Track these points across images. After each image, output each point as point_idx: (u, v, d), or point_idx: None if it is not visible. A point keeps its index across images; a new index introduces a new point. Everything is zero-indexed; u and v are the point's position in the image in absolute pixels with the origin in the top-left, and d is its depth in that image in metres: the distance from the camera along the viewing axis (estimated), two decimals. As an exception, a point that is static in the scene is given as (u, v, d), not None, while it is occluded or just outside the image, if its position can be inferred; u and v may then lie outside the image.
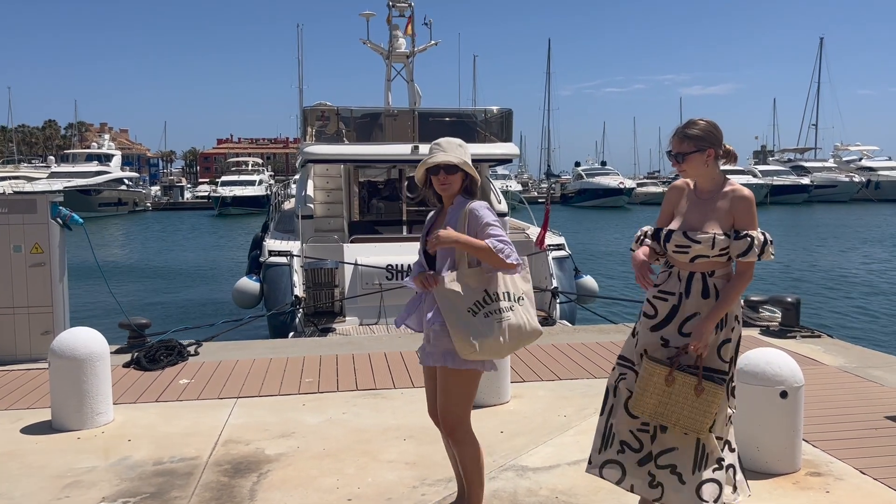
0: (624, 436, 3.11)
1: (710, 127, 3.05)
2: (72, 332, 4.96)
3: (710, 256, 2.98)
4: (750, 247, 2.94)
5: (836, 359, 6.26)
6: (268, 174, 71.11)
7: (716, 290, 3.02)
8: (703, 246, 2.98)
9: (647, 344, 3.09)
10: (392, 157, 13.06)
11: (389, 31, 15.81)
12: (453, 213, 3.12)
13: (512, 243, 3.05)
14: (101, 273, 8.12)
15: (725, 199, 3.03)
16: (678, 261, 3.07)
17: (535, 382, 5.79)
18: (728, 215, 3.01)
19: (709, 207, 3.05)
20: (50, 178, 55.66)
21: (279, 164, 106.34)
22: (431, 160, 3.11)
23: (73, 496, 3.78)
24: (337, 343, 7.57)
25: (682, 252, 3.02)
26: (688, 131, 3.04)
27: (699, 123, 3.06)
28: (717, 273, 3.02)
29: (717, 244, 2.96)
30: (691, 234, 3.00)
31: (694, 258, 3.01)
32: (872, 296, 17.83)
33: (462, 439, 3.14)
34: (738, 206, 3.00)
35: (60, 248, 6.64)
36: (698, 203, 3.09)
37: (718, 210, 3.02)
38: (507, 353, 3.09)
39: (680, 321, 3.03)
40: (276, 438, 4.59)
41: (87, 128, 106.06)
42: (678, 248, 3.03)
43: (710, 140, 3.04)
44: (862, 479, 3.80)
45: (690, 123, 3.08)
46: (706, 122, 3.07)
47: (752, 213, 3.00)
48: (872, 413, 4.83)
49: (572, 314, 10.88)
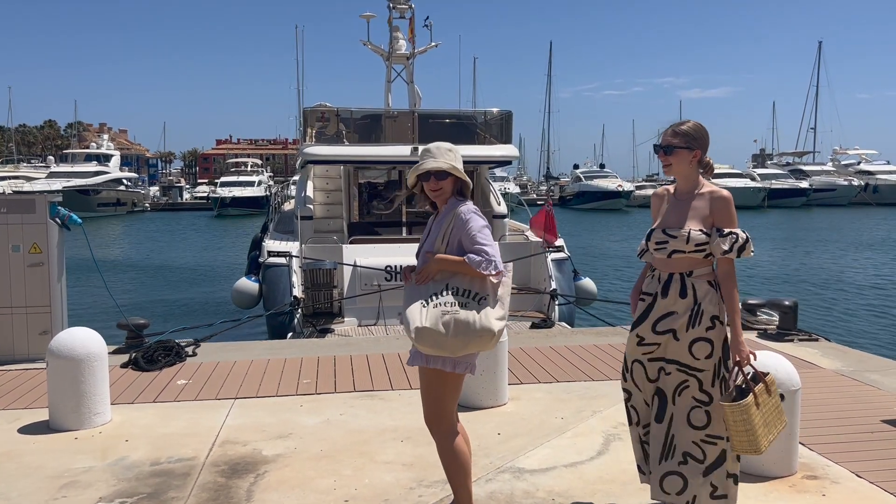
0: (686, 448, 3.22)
1: (701, 129, 3.25)
2: (70, 332, 4.96)
3: (686, 252, 3.14)
4: (735, 243, 3.09)
5: (834, 362, 6.27)
6: (267, 175, 71.09)
7: (693, 290, 3.16)
8: (679, 241, 3.13)
9: (629, 346, 3.32)
10: (391, 158, 13.07)
11: (390, 32, 15.83)
12: (445, 214, 3.17)
13: (497, 250, 3.06)
14: (100, 273, 8.11)
15: (703, 199, 3.20)
16: (658, 259, 3.25)
17: (532, 384, 5.79)
18: (708, 214, 3.16)
19: (687, 207, 3.21)
20: (49, 178, 55.61)
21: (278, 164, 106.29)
22: (421, 167, 3.14)
23: (69, 496, 3.78)
24: (335, 344, 7.57)
25: (661, 248, 3.20)
26: (680, 128, 3.22)
27: (691, 123, 3.25)
28: (696, 273, 3.17)
29: (692, 239, 3.12)
30: (669, 231, 3.18)
31: (671, 253, 3.17)
32: (870, 299, 17.85)
33: (437, 439, 3.16)
34: (717, 205, 3.16)
35: (59, 248, 6.64)
36: (677, 204, 3.26)
37: (696, 209, 3.18)
38: (455, 349, 2.97)
39: (654, 319, 3.21)
40: (274, 439, 4.59)
41: (85, 128, 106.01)
42: (658, 244, 3.22)
43: (700, 141, 3.22)
44: (858, 483, 3.81)
45: (684, 122, 3.27)
46: (698, 123, 3.26)
47: (731, 212, 3.15)
48: (869, 416, 4.84)
49: (571, 316, 10.88)
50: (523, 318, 10.37)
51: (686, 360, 3.15)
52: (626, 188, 67.71)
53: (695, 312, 3.14)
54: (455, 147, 3.22)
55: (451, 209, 3.14)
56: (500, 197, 14.26)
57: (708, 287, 3.16)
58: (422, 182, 3.18)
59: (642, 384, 3.28)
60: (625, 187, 67.56)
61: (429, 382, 3.13)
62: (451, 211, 3.13)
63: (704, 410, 3.16)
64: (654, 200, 3.40)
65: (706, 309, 3.14)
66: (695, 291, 3.15)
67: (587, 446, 4.41)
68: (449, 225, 3.11)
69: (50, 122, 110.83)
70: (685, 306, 3.15)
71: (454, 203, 3.16)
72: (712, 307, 3.14)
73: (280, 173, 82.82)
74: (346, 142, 13.58)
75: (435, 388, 3.12)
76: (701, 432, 3.17)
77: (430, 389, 3.14)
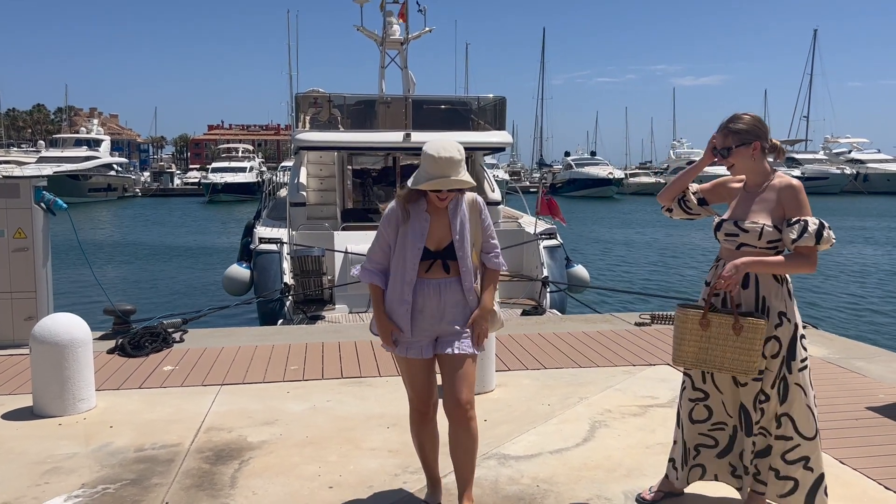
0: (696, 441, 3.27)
1: (754, 121, 3.10)
2: (53, 317, 4.92)
3: (756, 247, 3.04)
4: (804, 230, 2.94)
5: (820, 350, 6.30)
6: (258, 161, 70.79)
7: (756, 282, 3.06)
8: (751, 235, 3.03)
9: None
10: (385, 144, 13.01)
11: (383, 17, 15.70)
12: (454, 208, 3.17)
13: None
14: (86, 259, 8.06)
15: (773, 191, 3.07)
16: (725, 249, 3.15)
17: (520, 371, 5.79)
18: (777, 206, 3.04)
19: (757, 199, 3.09)
20: (39, 163, 55.21)
21: (270, 151, 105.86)
22: (448, 182, 3.02)
23: (52, 482, 3.76)
24: (323, 331, 7.55)
25: (731, 240, 3.10)
26: (732, 126, 3.09)
27: (743, 118, 3.10)
28: None
29: (764, 235, 3.02)
30: (740, 224, 3.06)
31: (740, 246, 3.07)
32: (857, 288, 17.94)
33: (472, 424, 3.26)
34: (785, 194, 3.03)
35: (44, 234, 6.58)
36: (746, 197, 3.14)
37: (767, 202, 3.06)
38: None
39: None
40: (260, 426, 4.57)
41: (76, 112, 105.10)
42: (728, 236, 3.12)
43: (755, 133, 3.07)
44: (841, 469, 3.82)
45: (734, 118, 3.12)
46: (751, 116, 3.11)
47: (801, 199, 3.01)
48: (854, 404, 4.86)
49: (562, 304, 10.89)
50: (515, 305, 10.37)
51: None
52: (617, 175, 67.72)
53: (760, 309, 3.03)
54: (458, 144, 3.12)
55: (458, 201, 3.19)
56: (494, 184, 14.23)
57: (773, 281, 3.04)
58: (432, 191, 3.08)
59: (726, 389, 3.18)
60: (615, 175, 67.58)
61: (470, 367, 3.22)
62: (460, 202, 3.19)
63: (760, 409, 3.09)
64: (725, 190, 3.25)
65: (772, 304, 3.02)
66: (758, 284, 3.03)
67: (573, 433, 4.41)
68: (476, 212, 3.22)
69: (39, 106, 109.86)
70: (750, 297, 3.05)
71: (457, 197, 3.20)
72: (778, 302, 3.02)
73: (272, 159, 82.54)
74: (340, 128, 13.50)
75: (474, 371, 3.26)
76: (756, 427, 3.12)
77: (470, 374, 3.22)
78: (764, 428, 3.13)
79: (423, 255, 3.14)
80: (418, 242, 3.14)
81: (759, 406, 3.09)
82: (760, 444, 3.15)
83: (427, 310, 3.16)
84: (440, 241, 3.16)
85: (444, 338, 3.19)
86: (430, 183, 3.03)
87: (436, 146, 3.04)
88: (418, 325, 3.18)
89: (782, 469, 3.12)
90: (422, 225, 3.15)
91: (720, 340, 3.01)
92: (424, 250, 3.15)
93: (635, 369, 5.78)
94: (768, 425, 3.12)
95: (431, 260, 3.15)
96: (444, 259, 3.16)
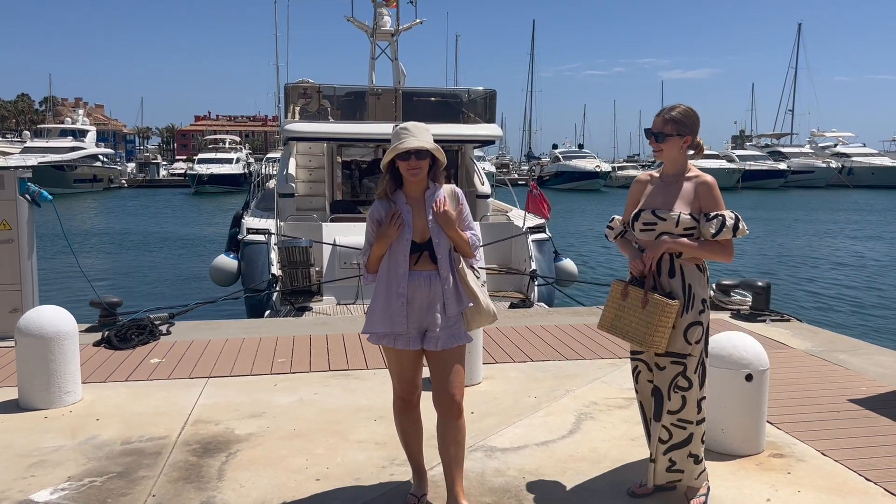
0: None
1: (692, 115, 3.22)
2: (38, 310, 4.89)
3: (674, 234, 3.14)
4: (722, 225, 3.10)
5: (804, 342, 6.37)
6: (245, 152, 70.34)
7: (681, 271, 3.16)
8: (669, 223, 3.14)
9: None
10: (374, 135, 12.96)
11: (374, 8, 15.62)
12: (431, 198, 3.16)
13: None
14: (72, 251, 8.01)
15: (690, 183, 3.20)
16: (644, 242, 3.25)
17: (507, 364, 5.82)
18: (695, 200, 3.17)
19: (675, 190, 3.21)
20: (24, 154, 54.56)
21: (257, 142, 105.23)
22: (402, 146, 3.08)
23: (38, 475, 3.74)
24: (311, 323, 7.55)
25: (649, 230, 3.20)
26: (672, 115, 3.19)
27: (683, 109, 3.22)
28: (685, 255, 3.17)
29: (681, 222, 3.13)
30: (658, 212, 3.18)
31: (659, 235, 3.17)
32: (842, 281, 18.12)
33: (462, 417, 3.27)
34: (702, 189, 3.17)
35: (29, 225, 6.52)
36: (663, 186, 3.26)
37: (684, 192, 3.19)
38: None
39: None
40: (247, 418, 4.57)
41: (61, 102, 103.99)
42: (645, 225, 3.22)
43: (690, 127, 3.20)
44: (823, 461, 3.88)
45: (675, 107, 3.23)
46: (689, 109, 3.23)
47: (716, 195, 3.17)
48: (836, 396, 4.92)
49: (550, 297, 10.91)
50: (503, 299, 10.39)
51: (679, 346, 3.15)
52: (604, 168, 67.89)
53: (687, 296, 3.15)
54: (429, 127, 3.19)
55: (434, 193, 3.18)
56: (483, 177, 14.22)
57: (697, 271, 3.18)
58: (398, 162, 3.12)
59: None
60: (602, 168, 67.74)
61: (460, 359, 3.23)
62: (437, 194, 3.17)
63: (681, 395, 3.17)
64: (635, 186, 3.40)
65: (697, 292, 3.16)
66: (683, 273, 3.16)
67: (559, 425, 4.45)
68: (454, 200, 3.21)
69: (23, 95, 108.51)
70: (676, 286, 3.16)
71: (434, 188, 3.19)
72: (701, 290, 3.16)
73: (259, 151, 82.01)
74: (330, 119, 13.44)
75: (463, 367, 3.25)
76: (673, 416, 3.20)
77: (460, 370, 3.23)
78: (683, 419, 3.20)
79: (410, 248, 3.15)
80: (406, 234, 3.15)
81: (678, 393, 3.18)
82: (679, 437, 3.23)
83: (416, 301, 3.17)
84: (423, 233, 3.17)
85: (432, 331, 3.19)
86: (393, 148, 3.10)
87: (396, 125, 3.20)
88: (408, 317, 3.19)
89: (701, 453, 3.26)
90: (406, 217, 3.18)
91: (631, 311, 3.22)
92: (411, 243, 3.16)
93: (621, 362, 5.82)
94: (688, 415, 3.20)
95: (419, 252, 3.16)
96: (431, 250, 3.17)
